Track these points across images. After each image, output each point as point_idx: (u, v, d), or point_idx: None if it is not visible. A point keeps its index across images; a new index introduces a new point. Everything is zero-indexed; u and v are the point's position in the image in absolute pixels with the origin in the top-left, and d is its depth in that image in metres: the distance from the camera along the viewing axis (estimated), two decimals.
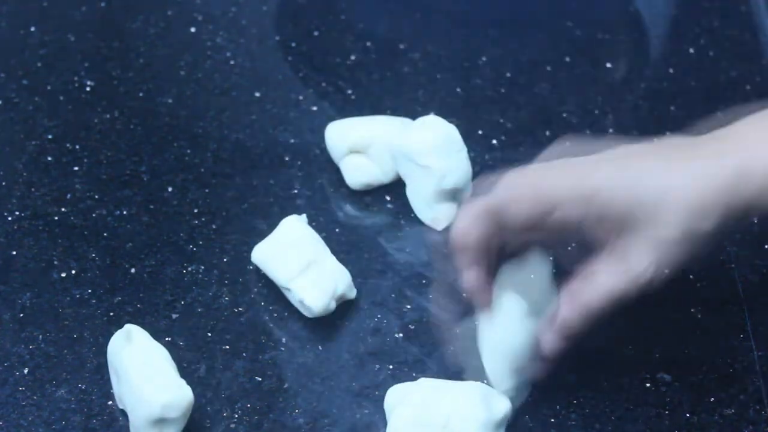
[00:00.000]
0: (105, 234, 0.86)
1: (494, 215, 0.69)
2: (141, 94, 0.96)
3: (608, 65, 1.02)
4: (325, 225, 0.86)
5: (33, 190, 0.88)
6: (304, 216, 0.84)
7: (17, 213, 0.87)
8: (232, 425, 0.75)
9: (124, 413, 0.74)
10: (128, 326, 0.75)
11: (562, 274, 0.72)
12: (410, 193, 0.87)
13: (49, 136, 0.93)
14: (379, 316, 0.81)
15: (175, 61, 0.99)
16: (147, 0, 1.05)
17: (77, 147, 0.92)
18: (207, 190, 0.89)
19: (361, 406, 0.76)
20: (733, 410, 0.76)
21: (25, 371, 0.77)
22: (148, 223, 0.87)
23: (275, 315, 0.81)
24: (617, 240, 0.67)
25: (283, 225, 0.83)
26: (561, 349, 0.70)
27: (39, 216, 0.87)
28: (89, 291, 0.82)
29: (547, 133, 0.94)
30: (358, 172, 0.88)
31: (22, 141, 0.92)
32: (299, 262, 0.80)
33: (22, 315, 0.80)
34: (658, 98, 0.98)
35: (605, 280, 0.67)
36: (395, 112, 0.93)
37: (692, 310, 0.82)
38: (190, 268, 0.84)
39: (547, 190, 0.68)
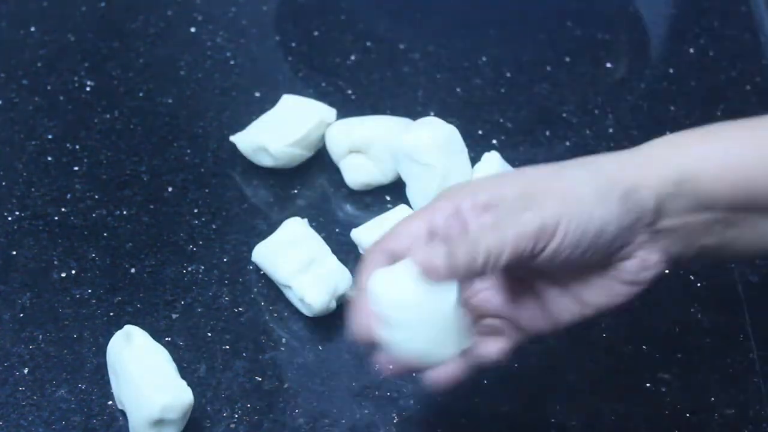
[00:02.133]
0: (105, 234, 0.86)
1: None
2: (141, 94, 0.96)
3: (608, 65, 1.02)
4: (325, 225, 0.86)
5: (33, 190, 0.88)
6: (305, 220, 0.84)
7: (17, 213, 0.87)
8: (232, 425, 0.75)
9: (123, 413, 0.74)
10: (128, 327, 0.75)
11: None
12: (410, 193, 0.86)
13: (49, 136, 0.92)
14: None
15: (175, 61, 0.99)
16: (147, 0, 1.05)
17: (77, 147, 0.92)
18: (207, 190, 0.89)
19: (361, 406, 0.76)
20: (733, 410, 0.76)
21: (25, 371, 0.77)
22: (148, 223, 0.87)
23: (275, 315, 0.81)
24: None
25: (285, 226, 0.83)
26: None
27: (39, 216, 0.87)
28: (89, 291, 0.82)
29: (547, 133, 0.94)
30: (358, 172, 0.88)
31: (22, 141, 0.92)
32: (300, 259, 0.80)
33: (22, 315, 0.80)
34: (658, 98, 0.98)
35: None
36: (395, 112, 0.93)
37: (692, 310, 0.82)
38: (190, 268, 0.84)
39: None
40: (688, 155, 0.65)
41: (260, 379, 0.77)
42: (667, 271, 0.79)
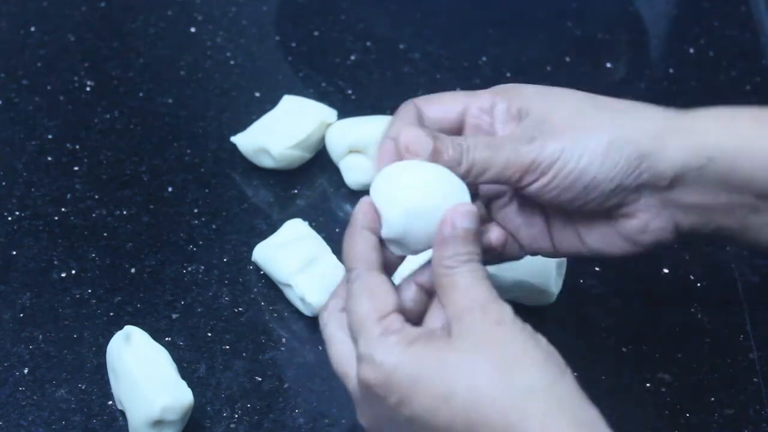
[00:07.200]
0: (105, 234, 0.86)
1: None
2: (141, 94, 0.96)
3: (608, 65, 1.02)
4: (325, 225, 0.86)
5: (33, 190, 0.88)
6: (306, 222, 0.84)
7: (17, 213, 0.87)
8: (232, 425, 0.75)
9: (123, 413, 0.74)
10: (128, 328, 0.75)
11: None
12: None
13: (49, 136, 0.93)
14: None
15: (175, 61, 0.99)
16: (147, 0, 1.05)
17: (77, 147, 0.92)
18: (207, 190, 0.89)
19: None
20: (733, 410, 0.76)
21: (25, 371, 0.77)
22: (148, 223, 0.87)
23: (275, 315, 0.81)
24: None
25: (286, 227, 0.83)
26: None
27: (39, 216, 0.87)
28: (89, 291, 0.82)
29: None
30: (358, 172, 0.88)
31: (22, 141, 0.92)
32: (301, 258, 0.80)
33: (22, 315, 0.80)
34: (658, 98, 0.97)
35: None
36: (395, 112, 0.93)
37: (692, 310, 0.82)
38: (190, 268, 0.84)
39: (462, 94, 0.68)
40: (733, 133, 0.63)
41: (260, 379, 0.77)
42: (666, 271, 0.79)
